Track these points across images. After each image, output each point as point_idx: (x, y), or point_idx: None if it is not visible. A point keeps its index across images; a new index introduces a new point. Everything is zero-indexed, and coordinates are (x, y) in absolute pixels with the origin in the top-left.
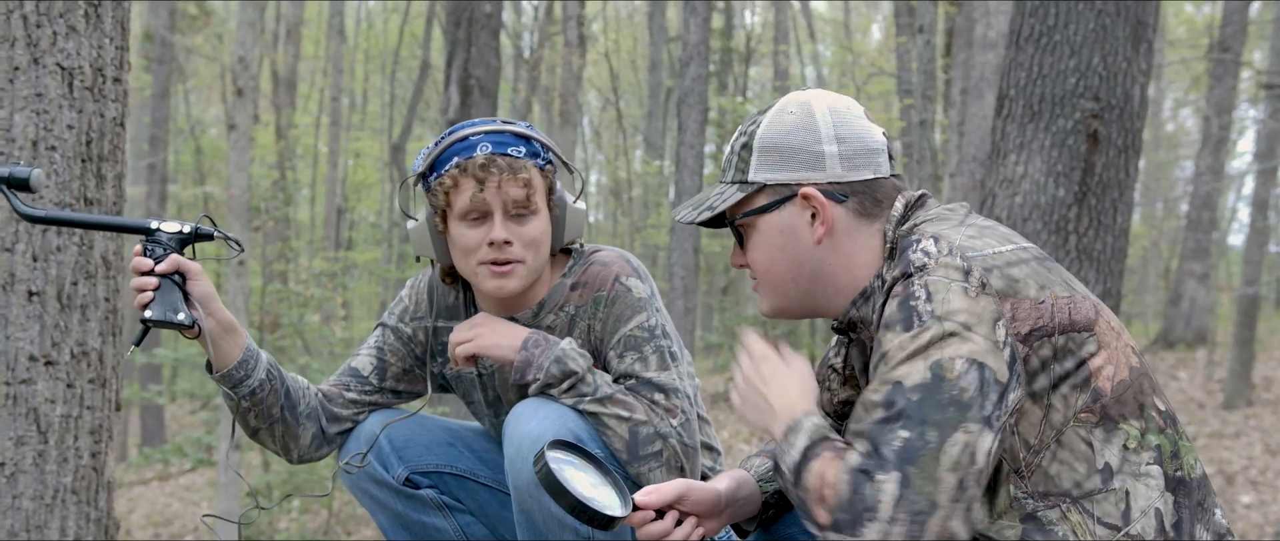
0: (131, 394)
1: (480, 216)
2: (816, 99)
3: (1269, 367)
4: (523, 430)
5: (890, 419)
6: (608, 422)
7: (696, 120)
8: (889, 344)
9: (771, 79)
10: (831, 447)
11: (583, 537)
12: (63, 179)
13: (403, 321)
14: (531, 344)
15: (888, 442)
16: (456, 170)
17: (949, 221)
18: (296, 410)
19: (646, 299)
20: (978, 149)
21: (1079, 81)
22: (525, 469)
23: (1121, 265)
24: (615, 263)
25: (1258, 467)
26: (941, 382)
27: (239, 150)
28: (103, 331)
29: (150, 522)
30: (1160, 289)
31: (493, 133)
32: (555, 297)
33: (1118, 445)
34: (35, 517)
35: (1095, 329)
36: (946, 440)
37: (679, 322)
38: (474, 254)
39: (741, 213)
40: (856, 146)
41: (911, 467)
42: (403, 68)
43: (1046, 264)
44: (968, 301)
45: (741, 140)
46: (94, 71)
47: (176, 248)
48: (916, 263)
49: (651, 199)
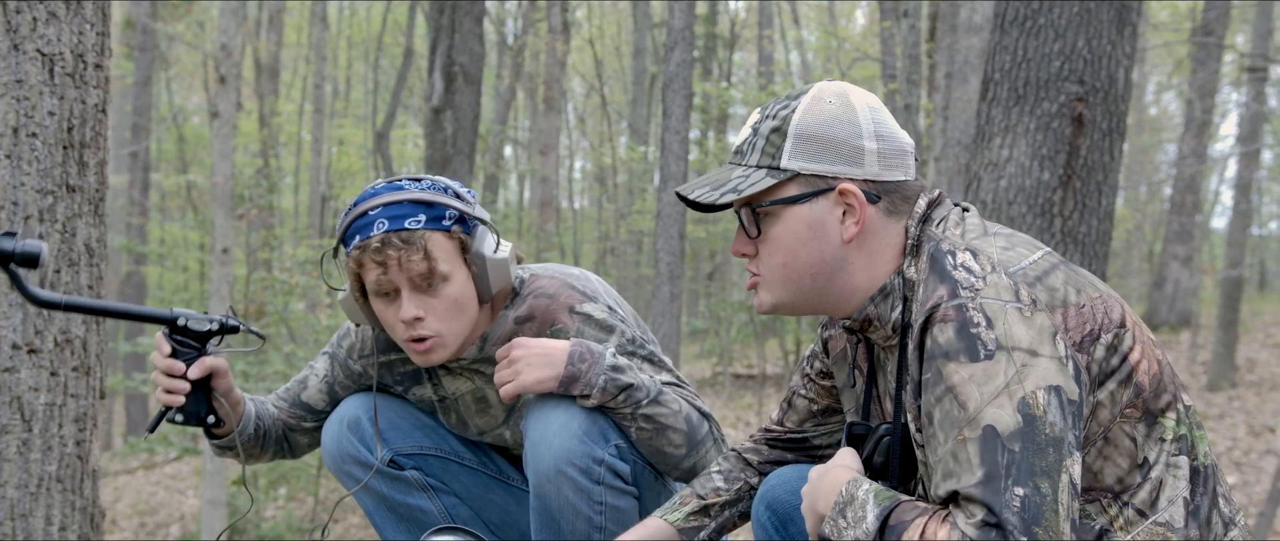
0: (116, 383)
1: (390, 294)
2: (853, 91)
3: (1252, 349)
4: (555, 419)
5: (997, 477)
6: (666, 422)
7: (681, 106)
8: (955, 377)
9: (756, 64)
10: (917, 510)
11: (595, 526)
12: (44, 166)
13: (351, 358)
14: (577, 358)
15: (1007, 505)
16: (358, 251)
17: (975, 231)
18: (266, 443)
19: (607, 317)
20: (962, 133)
21: (1063, 65)
22: (548, 454)
23: (1106, 248)
24: (561, 294)
25: (1241, 449)
26: (1034, 422)
27: (222, 138)
28: (86, 319)
29: (136, 511)
30: (1144, 272)
31: (391, 204)
32: (499, 331)
33: (1156, 438)
34: (20, 506)
35: (1127, 323)
36: (1058, 485)
37: (664, 309)
38: (395, 329)
39: (768, 200)
40: (894, 145)
41: (1037, 528)
42: (386, 55)
43: (1069, 266)
44: (1025, 321)
45: (771, 124)
46: (75, 57)
47: (202, 345)
48: (964, 282)
49: (636, 185)
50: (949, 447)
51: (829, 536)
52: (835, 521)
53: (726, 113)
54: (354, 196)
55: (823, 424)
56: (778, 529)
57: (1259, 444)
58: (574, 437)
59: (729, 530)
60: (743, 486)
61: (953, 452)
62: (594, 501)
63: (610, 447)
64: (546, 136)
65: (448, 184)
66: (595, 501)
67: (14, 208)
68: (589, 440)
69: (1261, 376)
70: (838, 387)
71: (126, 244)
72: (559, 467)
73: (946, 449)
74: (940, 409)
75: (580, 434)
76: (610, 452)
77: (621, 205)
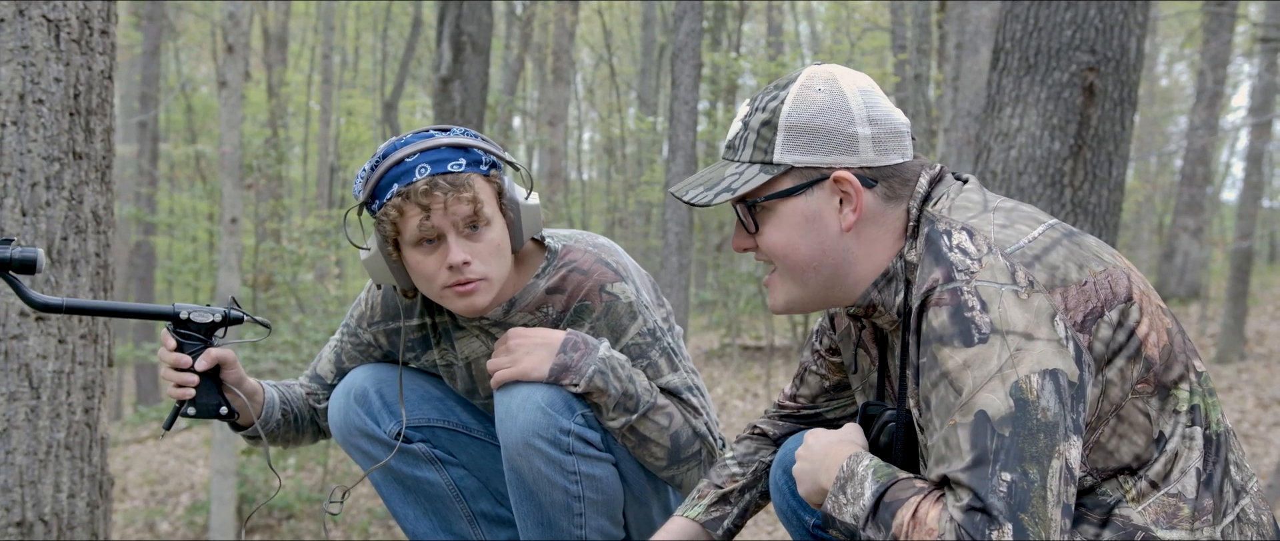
0: (126, 353)
1: (433, 240)
2: (842, 76)
3: (1262, 322)
4: (517, 393)
5: (986, 462)
6: (649, 436)
7: (690, 76)
8: (950, 362)
9: (765, 34)
10: (912, 488)
11: (573, 496)
12: (51, 132)
13: (361, 326)
14: (570, 347)
15: (993, 490)
16: (399, 198)
17: (974, 208)
18: (299, 427)
19: (635, 300)
20: (972, 103)
21: (1075, 34)
22: (515, 428)
23: (1116, 219)
24: (595, 270)
25: (1250, 421)
26: (1026, 407)
27: (230, 108)
28: (93, 286)
29: (146, 480)
30: (1154, 244)
31: (430, 150)
32: (528, 297)
33: (1170, 411)
34: (29, 473)
35: (1134, 296)
36: (1047, 472)
37: (672, 280)
38: (435, 279)
39: (764, 196)
40: (887, 129)
41: (1023, 515)
42: (395, 25)
43: (1074, 238)
44: (1021, 304)
45: (761, 117)
46: (81, 24)
47: (207, 337)
48: (959, 265)
49: (645, 156)
50: (942, 432)
51: (830, 512)
52: (836, 497)
53: (735, 83)
54: (364, 165)
55: (835, 398)
56: (794, 493)
57: (1268, 416)
58: (537, 410)
59: (752, 513)
60: (759, 467)
61: (945, 437)
62: (567, 472)
63: (577, 417)
64: (555, 107)
65: (475, 133)
66: (568, 471)
67: (21, 174)
68: (553, 410)
69: (1271, 349)
70: (845, 365)
71: (135, 213)
72: (526, 440)
73: (940, 434)
74: (936, 394)
75: (544, 405)
76: (577, 422)
77: (630, 176)
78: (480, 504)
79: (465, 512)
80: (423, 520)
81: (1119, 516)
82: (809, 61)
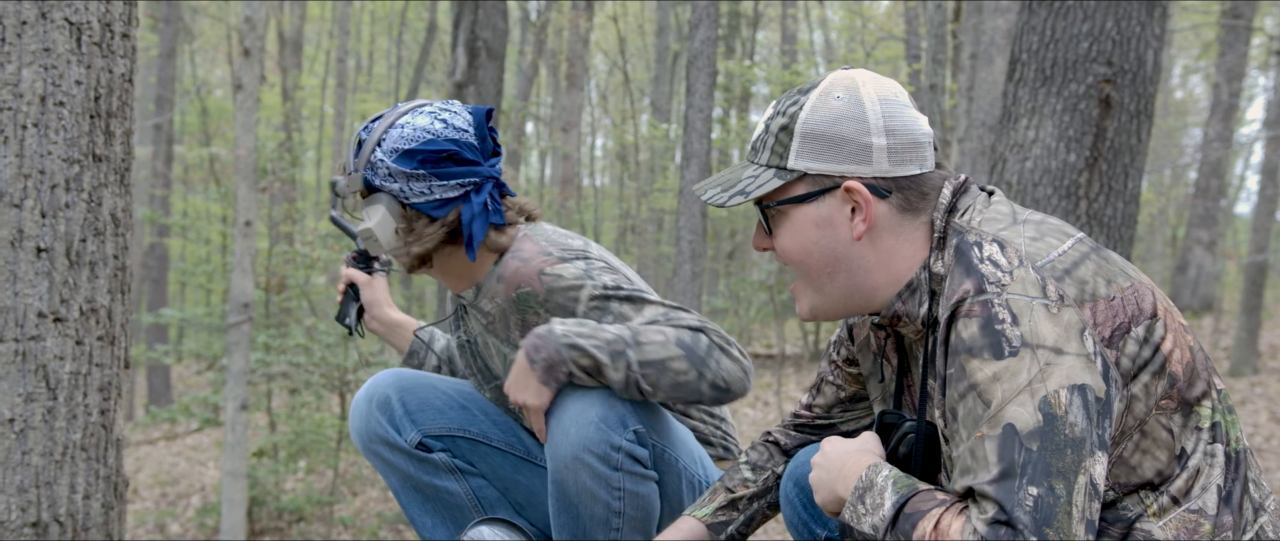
0: (139, 354)
1: None
2: (864, 84)
3: (1275, 335)
4: (570, 409)
5: (1012, 475)
6: (659, 358)
7: (705, 83)
8: (979, 374)
9: (779, 43)
10: (934, 500)
11: (613, 511)
12: (71, 135)
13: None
14: (535, 352)
15: (1019, 504)
16: None
17: (1003, 221)
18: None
19: (581, 274)
20: (987, 114)
21: (1092, 46)
22: (566, 441)
23: (1132, 232)
24: (535, 258)
25: (1263, 435)
26: (1054, 422)
27: (245, 111)
28: (111, 288)
29: (157, 482)
30: (1167, 256)
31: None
32: (487, 284)
33: (1192, 427)
34: (44, 473)
35: (1158, 312)
36: (1073, 487)
37: (685, 287)
38: None
39: (777, 200)
40: (905, 139)
41: (1048, 530)
42: (409, 30)
43: (1101, 253)
44: (1051, 318)
45: (780, 121)
46: (102, 26)
47: (367, 264)
48: (990, 277)
49: (658, 163)
50: (969, 444)
51: (848, 522)
52: (854, 507)
53: (749, 91)
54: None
55: (850, 410)
56: (805, 505)
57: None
58: (591, 425)
59: (759, 523)
60: (770, 476)
61: (971, 449)
62: (613, 488)
63: (629, 433)
64: (568, 113)
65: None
66: (614, 488)
67: (41, 176)
68: (606, 426)
69: None
70: (863, 375)
71: (150, 215)
72: (577, 455)
73: (966, 445)
74: (963, 405)
75: (598, 421)
76: (628, 438)
77: (643, 183)
78: (498, 514)
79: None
80: (440, 528)
81: (1140, 531)
82: (823, 70)
